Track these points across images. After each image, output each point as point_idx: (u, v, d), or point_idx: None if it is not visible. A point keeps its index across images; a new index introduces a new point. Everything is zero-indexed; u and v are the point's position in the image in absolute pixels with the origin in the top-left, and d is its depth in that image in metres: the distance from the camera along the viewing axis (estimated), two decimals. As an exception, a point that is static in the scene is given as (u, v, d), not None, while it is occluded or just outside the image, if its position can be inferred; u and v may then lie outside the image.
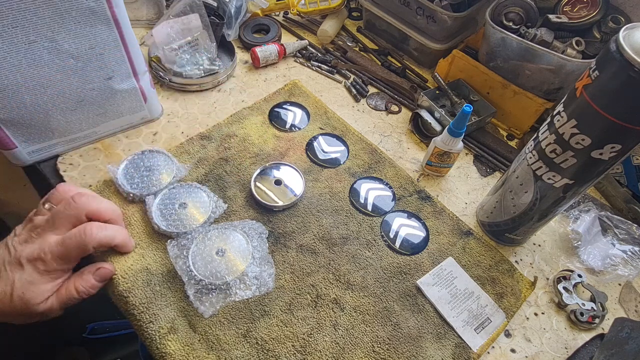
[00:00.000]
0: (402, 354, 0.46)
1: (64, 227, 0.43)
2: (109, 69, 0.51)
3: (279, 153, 0.61)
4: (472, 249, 0.55)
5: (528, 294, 0.52)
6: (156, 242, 0.50)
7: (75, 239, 0.42)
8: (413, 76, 0.78)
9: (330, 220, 0.55)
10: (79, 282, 0.44)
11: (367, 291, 0.50)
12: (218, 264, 0.47)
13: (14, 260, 0.41)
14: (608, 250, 0.56)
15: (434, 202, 0.59)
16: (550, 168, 0.45)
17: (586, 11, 0.63)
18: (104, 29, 0.48)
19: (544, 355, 0.49)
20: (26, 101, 0.47)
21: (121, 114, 0.57)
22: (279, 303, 0.48)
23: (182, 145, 0.59)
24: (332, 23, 0.80)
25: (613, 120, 0.37)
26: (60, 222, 0.43)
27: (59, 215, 0.43)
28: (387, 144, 0.66)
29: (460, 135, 0.56)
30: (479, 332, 0.48)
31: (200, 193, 0.53)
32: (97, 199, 0.46)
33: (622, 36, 0.36)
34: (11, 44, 0.43)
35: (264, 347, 0.44)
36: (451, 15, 0.68)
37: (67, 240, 0.42)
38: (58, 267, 0.42)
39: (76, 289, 0.43)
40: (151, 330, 0.44)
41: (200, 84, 0.67)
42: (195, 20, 0.65)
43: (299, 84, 0.71)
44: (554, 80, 0.62)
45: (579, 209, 0.61)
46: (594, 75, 0.38)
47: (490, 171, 0.66)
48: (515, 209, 0.51)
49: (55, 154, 0.56)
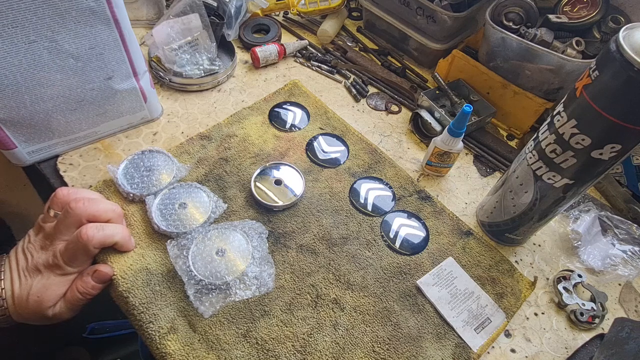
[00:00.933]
0: (402, 354, 0.46)
1: (69, 233, 0.44)
2: (109, 69, 0.51)
3: (279, 153, 0.61)
4: (472, 249, 0.55)
5: (528, 294, 0.52)
6: (156, 242, 0.50)
7: (75, 243, 0.43)
8: (413, 76, 0.78)
9: (330, 220, 0.55)
10: (79, 283, 0.45)
11: (367, 291, 0.50)
12: (218, 264, 0.47)
13: (32, 267, 0.43)
14: (608, 250, 0.56)
15: (434, 202, 0.59)
16: (550, 168, 0.45)
17: (586, 11, 0.63)
18: (104, 29, 0.48)
19: (544, 355, 0.49)
20: (26, 101, 0.47)
21: (121, 114, 0.57)
22: (279, 303, 0.48)
23: (182, 145, 0.59)
24: (332, 23, 0.80)
25: (613, 120, 0.37)
26: (64, 229, 0.44)
27: (61, 223, 0.44)
28: (387, 144, 0.66)
29: (460, 135, 0.56)
30: (479, 332, 0.48)
31: (200, 193, 0.53)
32: (95, 202, 0.46)
33: (622, 36, 0.36)
34: (11, 44, 0.43)
35: (264, 347, 0.44)
36: (451, 15, 0.68)
37: (69, 245, 0.44)
38: (73, 269, 0.44)
39: (77, 290, 0.44)
40: (151, 330, 0.44)
41: (200, 84, 0.67)
42: (195, 20, 0.65)
43: (299, 84, 0.71)
44: (554, 80, 0.62)
45: (579, 209, 0.61)
46: (594, 75, 0.38)
47: (490, 171, 0.66)
48: (515, 209, 0.51)
49: (55, 154, 0.56)
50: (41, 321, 0.45)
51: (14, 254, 0.44)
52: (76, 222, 0.44)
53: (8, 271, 0.43)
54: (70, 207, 0.44)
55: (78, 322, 0.78)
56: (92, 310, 0.46)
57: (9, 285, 0.43)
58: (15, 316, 0.43)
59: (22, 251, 0.44)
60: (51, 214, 0.45)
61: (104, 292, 0.47)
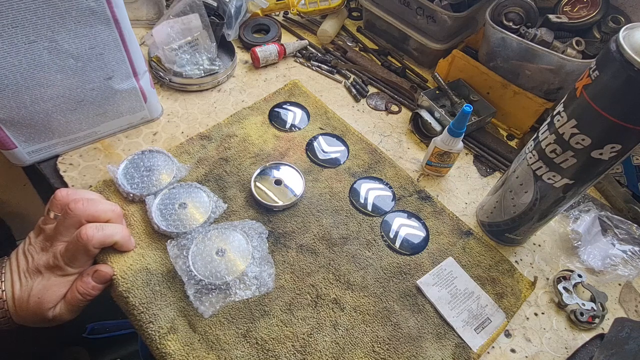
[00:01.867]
0: (402, 354, 0.46)
1: (69, 234, 0.44)
2: (109, 69, 0.51)
3: (279, 153, 0.61)
4: (472, 249, 0.55)
5: (528, 294, 0.52)
6: (156, 242, 0.50)
7: (75, 243, 0.43)
8: (413, 76, 0.78)
9: (330, 220, 0.55)
10: (79, 283, 0.45)
11: (367, 291, 0.50)
12: (218, 264, 0.47)
13: (33, 269, 0.43)
14: (608, 250, 0.56)
15: (434, 202, 0.59)
16: (550, 168, 0.45)
17: (586, 11, 0.63)
18: (104, 29, 0.48)
19: (544, 355, 0.49)
20: (26, 101, 0.47)
21: (121, 114, 0.57)
22: (279, 303, 0.48)
23: (182, 145, 0.59)
24: (332, 23, 0.80)
25: (613, 120, 0.37)
26: (64, 230, 0.44)
27: (61, 224, 0.44)
28: (387, 144, 0.66)
29: (460, 135, 0.56)
30: (479, 332, 0.48)
31: (200, 193, 0.53)
32: (95, 202, 0.46)
33: (622, 36, 0.36)
34: (11, 44, 0.43)
35: (264, 347, 0.44)
36: (451, 15, 0.68)
37: (69, 246, 0.44)
38: (74, 270, 0.44)
39: (78, 290, 0.44)
40: (151, 330, 0.44)
41: (200, 84, 0.67)
42: (195, 20, 0.64)
43: (299, 84, 0.71)
44: (554, 80, 0.62)
45: (579, 209, 0.61)
46: (594, 75, 0.38)
47: (490, 171, 0.66)
48: (515, 209, 0.51)
49: (55, 154, 0.56)
50: (41, 323, 0.45)
51: (15, 256, 0.45)
52: (76, 223, 0.44)
53: (9, 273, 0.43)
54: (69, 208, 0.44)
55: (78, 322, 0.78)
56: (92, 310, 0.46)
57: (9, 287, 0.43)
58: (16, 318, 0.43)
59: (22, 253, 0.44)
60: (51, 216, 0.46)
61: (104, 292, 0.47)
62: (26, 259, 0.44)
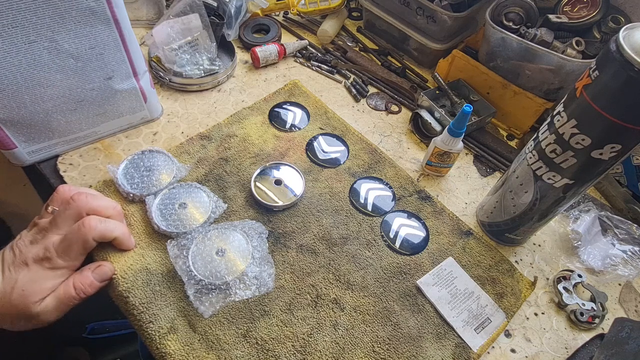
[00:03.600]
0: (402, 354, 0.46)
1: (67, 226, 0.43)
2: (109, 69, 0.51)
3: (279, 153, 0.61)
4: (472, 249, 0.55)
5: (528, 294, 0.52)
6: (156, 242, 0.50)
7: (75, 232, 0.43)
8: (413, 76, 0.78)
9: (330, 220, 0.55)
10: (78, 278, 0.44)
11: (367, 291, 0.50)
12: (218, 264, 0.47)
13: (19, 261, 0.42)
14: (608, 250, 0.56)
15: (434, 202, 0.59)
16: (550, 168, 0.45)
17: (586, 11, 0.63)
18: (104, 29, 0.48)
19: (544, 355, 0.49)
20: (26, 101, 0.47)
21: (121, 114, 0.57)
22: (279, 303, 0.48)
23: (182, 145, 0.59)
24: (332, 23, 0.80)
25: (613, 120, 0.37)
26: (62, 222, 0.43)
27: (60, 215, 0.43)
28: (387, 144, 0.66)
29: (460, 135, 0.56)
30: (479, 332, 0.48)
31: (200, 193, 0.53)
32: (97, 197, 0.46)
33: (622, 36, 0.36)
34: (11, 44, 0.43)
35: (264, 347, 0.44)
36: (451, 15, 0.68)
37: (68, 235, 0.43)
38: (63, 263, 0.43)
39: (74, 286, 0.43)
40: (151, 330, 0.44)
41: (200, 84, 0.67)
42: (195, 20, 0.65)
43: (299, 84, 0.71)
44: (554, 80, 0.62)
45: (579, 209, 0.61)
46: (594, 75, 0.38)
47: (490, 171, 0.66)
48: (515, 209, 0.51)
49: (55, 154, 0.56)
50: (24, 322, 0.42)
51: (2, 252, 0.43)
52: (75, 215, 0.44)
53: None
54: (72, 199, 0.43)
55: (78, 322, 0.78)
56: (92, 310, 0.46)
57: None
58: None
59: (10, 248, 0.43)
60: (49, 210, 0.45)
61: (103, 292, 0.47)
62: (13, 253, 0.42)
